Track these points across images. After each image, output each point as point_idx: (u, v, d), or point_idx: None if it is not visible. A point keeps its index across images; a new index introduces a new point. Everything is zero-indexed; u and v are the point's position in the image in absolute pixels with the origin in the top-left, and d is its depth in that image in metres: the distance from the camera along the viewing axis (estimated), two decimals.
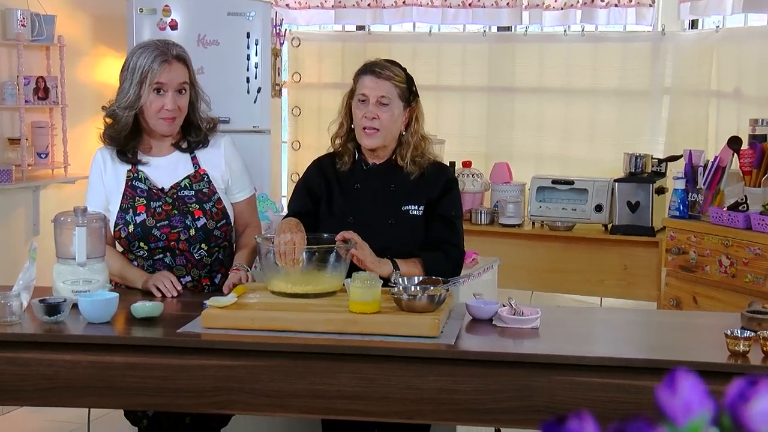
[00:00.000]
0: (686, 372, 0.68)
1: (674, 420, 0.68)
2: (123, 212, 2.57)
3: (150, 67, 2.48)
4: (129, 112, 2.51)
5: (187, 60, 2.58)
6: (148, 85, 2.49)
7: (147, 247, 2.57)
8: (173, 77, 2.51)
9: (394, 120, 2.57)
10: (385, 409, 2.13)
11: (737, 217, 3.84)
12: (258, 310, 2.26)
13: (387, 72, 2.57)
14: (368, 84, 2.57)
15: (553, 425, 0.67)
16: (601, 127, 5.10)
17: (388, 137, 2.59)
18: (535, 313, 2.31)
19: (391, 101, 2.56)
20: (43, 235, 4.37)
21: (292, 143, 5.69)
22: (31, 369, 2.19)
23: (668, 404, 0.68)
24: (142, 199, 2.58)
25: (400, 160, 2.61)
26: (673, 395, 0.68)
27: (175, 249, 2.59)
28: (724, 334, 2.05)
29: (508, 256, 4.32)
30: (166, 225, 2.56)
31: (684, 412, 0.68)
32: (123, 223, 2.57)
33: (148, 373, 2.18)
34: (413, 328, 2.17)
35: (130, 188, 2.59)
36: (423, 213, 2.60)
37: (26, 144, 4.20)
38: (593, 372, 2.08)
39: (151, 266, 2.60)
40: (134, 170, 2.60)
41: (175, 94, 2.52)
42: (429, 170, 2.64)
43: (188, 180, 2.62)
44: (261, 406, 2.17)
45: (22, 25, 4.14)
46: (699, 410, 0.69)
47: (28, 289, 2.33)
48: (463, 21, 5.33)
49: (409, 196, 2.60)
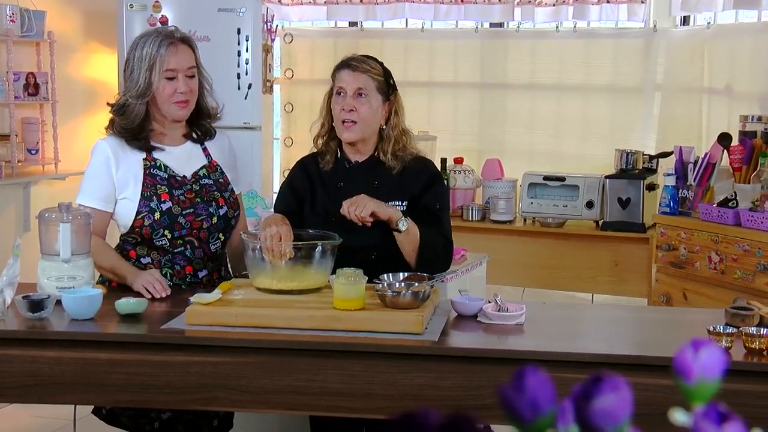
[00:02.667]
0: (534, 369, 0.69)
1: (521, 418, 0.68)
2: (146, 200, 2.54)
3: (158, 52, 2.48)
4: (141, 101, 2.51)
5: (192, 44, 2.59)
6: (158, 71, 2.48)
7: (170, 236, 2.55)
8: (182, 60, 2.52)
9: (373, 112, 2.57)
10: (369, 406, 2.13)
11: (727, 214, 3.84)
12: (242, 307, 2.25)
13: (363, 65, 2.58)
14: (345, 77, 2.57)
15: (400, 422, 0.67)
16: (592, 124, 5.10)
17: (367, 130, 2.59)
18: (520, 309, 2.31)
19: (368, 93, 2.56)
20: (33, 232, 4.36)
21: (284, 140, 5.68)
22: (14, 366, 2.18)
23: (515, 402, 0.68)
24: (164, 186, 2.56)
25: (382, 155, 2.61)
26: (521, 393, 0.68)
27: (194, 240, 2.59)
28: (706, 330, 2.06)
29: (500, 253, 4.32)
30: (191, 213, 2.55)
31: (531, 410, 0.68)
32: (147, 211, 2.53)
33: (131, 370, 2.17)
34: (397, 324, 2.17)
35: (149, 176, 2.56)
36: (407, 209, 2.59)
37: (16, 140, 4.20)
38: (578, 368, 2.07)
39: (170, 261, 2.58)
40: (150, 158, 2.58)
41: (185, 78, 2.53)
42: (412, 165, 2.63)
43: (205, 170, 2.65)
44: (245, 402, 2.17)
45: (11, 21, 4.13)
46: (546, 408, 0.69)
47: (12, 286, 2.32)
48: (455, 17, 5.33)
49: (392, 192, 2.59)
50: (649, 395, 2.03)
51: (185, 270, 2.60)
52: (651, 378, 2.02)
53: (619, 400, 0.68)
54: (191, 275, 2.60)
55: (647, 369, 2.04)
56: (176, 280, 2.59)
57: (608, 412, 0.68)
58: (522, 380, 0.69)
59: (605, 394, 0.68)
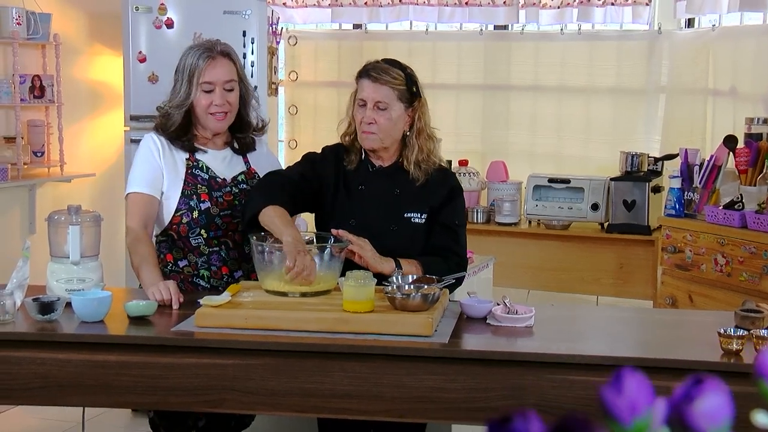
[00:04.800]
0: (632, 370, 0.69)
1: (620, 419, 0.69)
2: (186, 198, 2.60)
3: (196, 64, 2.56)
4: (180, 111, 2.59)
5: (234, 56, 2.65)
6: (196, 83, 2.56)
7: (206, 235, 2.60)
8: (219, 73, 2.57)
9: (393, 123, 2.56)
10: (377, 408, 2.13)
11: (733, 216, 3.84)
12: (251, 309, 2.26)
13: (384, 76, 2.55)
14: (366, 88, 2.56)
15: (497, 424, 0.67)
16: (596, 126, 5.10)
17: (387, 139, 2.58)
18: (530, 311, 2.31)
19: (388, 105, 2.55)
20: (38, 234, 4.37)
21: (288, 142, 5.68)
22: (24, 368, 2.19)
23: (614, 403, 0.68)
24: (204, 187, 2.62)
25: (407, 163, 2.60)
26: (619, 394, 0.69)
27: (230, 241, 2.63)
28: (717, 332, 2.06)
29: (505, 255, 4.32)
30: (228, 214, 2.60)
31: (630, 411, 0.68)
32: (187, 209, 2.59)
33: (141, 372, 2.18)
34: (407, 327, 2.17)
35: (190, 176, 2.62)
36: (425, 221, 2.59)
37: (22, 142, 4.20)
38: (587, 370, 2.08)
39: (206, 262, 2.62)
40: (193, 159, 2.64)
41: (223, 91, 2.57)
42: (434, 176, 2.62)
43: (244, 176, 2.70)
44: (253, 404, 2.17)
45: (17, 23, 4.13)
46: (645, 409, 0.69)
47: (22, 288, 2.33)
48: (459, 20, 5.33)
49: (412, 203, 2.59)
50: None
51: (221, 270, 2.64)
52: (660, 380, 2.02)
53: (721, 401, 0.68)
54: (228, 275, 2.64)
55: (656, 372, 2.04)
56: (214, 281, 2.62)
57: (710, 413, 0.68)
58: (621, 382, 0.69)
59: (707, 395, 0.68)
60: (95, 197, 4.57)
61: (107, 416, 3.84)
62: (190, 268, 2.62)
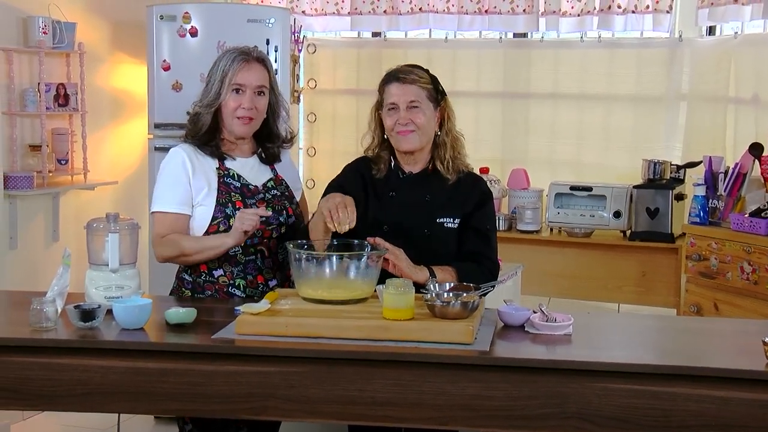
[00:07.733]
0: None
1: None
2: (222, 206, 2.60)
3: (230, 66, 2.58)
4: (209, 110, 2.61)
5: (268, 64, 2.67)
6: (228, 84, 2.57)
7: (243, 243, 2.59)
8: (251, 77, 2.59)
9: (428, 120, 2.59)
10: (418, 416, 2.14)
11: (759, 224, 3.84)
12: (291, 317, 2.27)
13: (412, 76, 2.59)
14: (395, 91, 2.58)
15: None
16: (616, 133, 5.09)
17: (425, 138, 2.60)
18: (568, 319, 2.31)
19: (421, 104, 2.57)
20: (62, 242, 4.38)
21: (307, 149, 5.70)
22: (65, 374, 2.20)
23: None
24: (237, 195, 2.63)
25: (439, 163, 2.62)
26: None
27: (264, 249, 2.64)
28: (762, 341, 2.05)
29: (527, 263, 4.31)
30: (263, 221, 2.59)
31: None
32: (223, 217, 2.60)
33: (181, 379, 2.19)
34: (447, 334, 2.17)
35: (223, 184, 2.63)
36: (458, 226, 2.60)
37: (47, 150, 4.21)
38: (626, 379, 2.08)
39: (242, 271, 2.63)
40: (223, 167, 2.65)
41: (253, 95, 2.58)
42: (464, 181, 2.64)
43: (272, 182, 2.72)
44: (294, 412, 2.18)
45: (43, 33, 4.15)
46: None
47: (62, 295, 2.34)
48: (479, 27, 5.33)
49: (444, 209, 2.60)
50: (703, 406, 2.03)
51: (257, 279, 2.63)
52: (704, 389, 2.03)
53: None
54: (263, 284, 2.63)
55: (696, 380, 2.04)
56: (249, 291, 2.62)
57: None
58: None
59: None
60: (118, 205, 4.59)
61: (134, 423, 3.85)
62: (225, 278, 2.62)
